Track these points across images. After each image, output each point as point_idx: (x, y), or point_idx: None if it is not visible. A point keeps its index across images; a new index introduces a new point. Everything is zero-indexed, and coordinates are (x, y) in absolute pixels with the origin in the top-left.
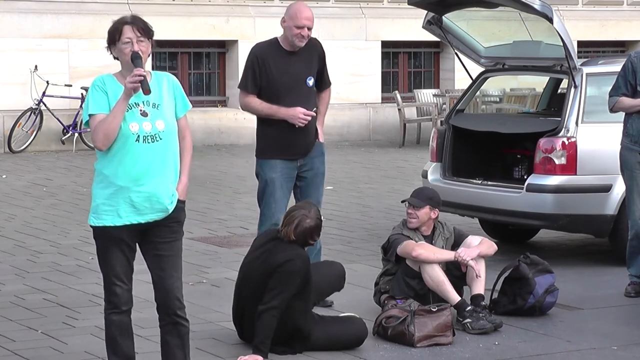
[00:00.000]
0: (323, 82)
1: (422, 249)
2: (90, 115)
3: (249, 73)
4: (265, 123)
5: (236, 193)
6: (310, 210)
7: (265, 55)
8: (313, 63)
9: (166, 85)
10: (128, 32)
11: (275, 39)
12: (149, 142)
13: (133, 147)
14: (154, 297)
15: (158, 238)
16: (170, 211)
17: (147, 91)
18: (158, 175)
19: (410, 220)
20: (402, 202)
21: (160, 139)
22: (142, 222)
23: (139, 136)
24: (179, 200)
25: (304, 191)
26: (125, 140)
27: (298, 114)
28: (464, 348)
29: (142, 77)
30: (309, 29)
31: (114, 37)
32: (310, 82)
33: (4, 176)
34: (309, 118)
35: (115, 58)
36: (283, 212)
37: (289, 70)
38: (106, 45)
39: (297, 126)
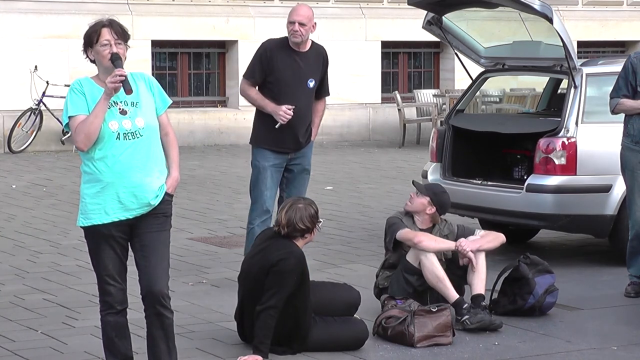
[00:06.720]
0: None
1: (424, 236)
2: (70, 117)
3: (256, 64)
4: (260, 113)
5: (236, 193)
6: (305, 199)
7: (275, 50)
8: (317, 67)
9: (143, 84)
10: (106, 35)
11: (286, 37)
12: (129, 139)
13: (114, 145)
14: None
15: (144, 229)
16: (154, 205)
17: (129, 91)
18: (141, 171)
19: (407, 202)
20: (413, 182)
21: (141, 135)
22: (130, 217)
23: (119, 134)
24: (166, 194)
25: (289, 182)
26: (106, 139)
27: (279, 111)
28: (464, 348)
29: (124, 77)
30: (301, 24)
31: (91, 39)
32: (311, 84)
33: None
34: (291, 113)
35: (91, 61)
36: (273, 200)
37: (293, 68)
38: (82, 49)
39: (278, 123)
